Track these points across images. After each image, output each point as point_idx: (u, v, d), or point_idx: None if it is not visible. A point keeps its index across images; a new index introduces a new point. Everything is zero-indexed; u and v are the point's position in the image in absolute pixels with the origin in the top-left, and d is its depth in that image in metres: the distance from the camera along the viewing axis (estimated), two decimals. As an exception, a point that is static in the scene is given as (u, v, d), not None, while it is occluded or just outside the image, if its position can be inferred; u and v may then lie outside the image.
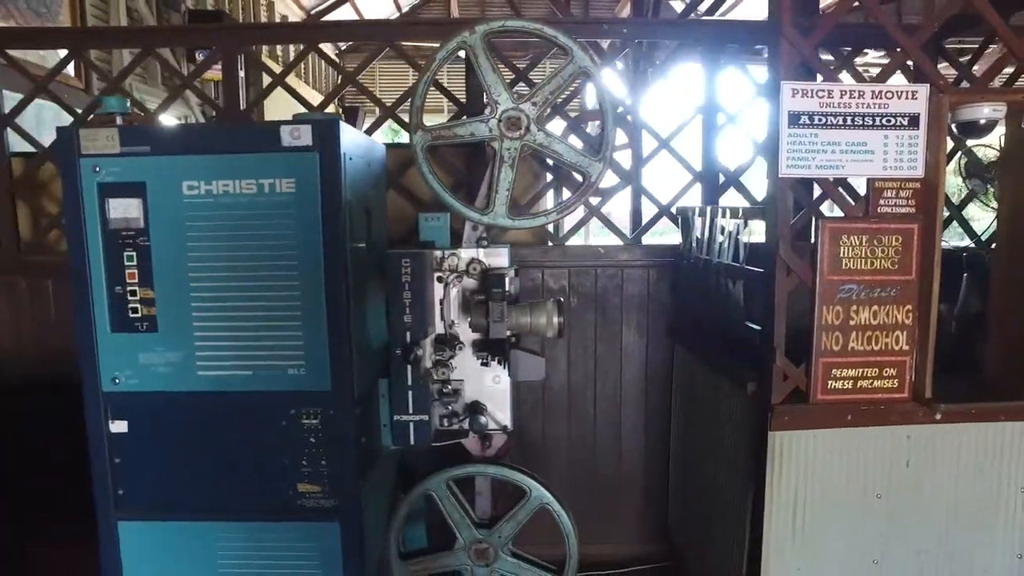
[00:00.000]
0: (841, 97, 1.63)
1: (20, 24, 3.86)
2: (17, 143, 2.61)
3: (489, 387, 1.90)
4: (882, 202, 1.66)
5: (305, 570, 1.71)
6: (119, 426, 1.67)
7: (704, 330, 2.29)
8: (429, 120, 1.75)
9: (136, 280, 1.60)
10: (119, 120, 1.65)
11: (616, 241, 2.67)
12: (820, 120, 1.65)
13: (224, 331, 1.60)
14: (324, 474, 1.65)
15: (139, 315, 1.61)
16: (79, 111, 2.54)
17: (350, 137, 1.61)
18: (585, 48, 1.79)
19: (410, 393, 1.80)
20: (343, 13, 9.13)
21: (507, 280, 1.76)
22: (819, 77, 1.75)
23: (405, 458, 2.11)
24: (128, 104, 1.68)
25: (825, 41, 1.92)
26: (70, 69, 2.65)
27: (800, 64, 1.68)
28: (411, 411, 1.81)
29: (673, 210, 2.58)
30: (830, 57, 2.70)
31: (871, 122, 1.63)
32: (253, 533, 1.70)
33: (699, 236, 2.30)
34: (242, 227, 1.56)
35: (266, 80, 2.39)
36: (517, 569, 1.95)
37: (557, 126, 2.36)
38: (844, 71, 2.62)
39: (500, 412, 1.90)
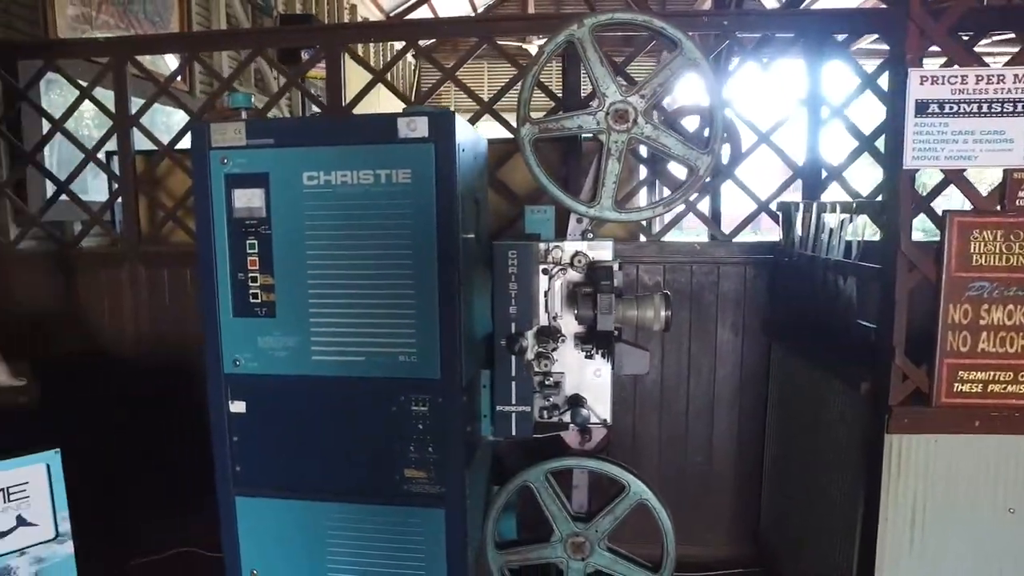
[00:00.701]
0: (977, 83, 1.54)
1: (140, 33, 4.13)
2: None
3: (590, 380, 1.89)
4: (1021, 194, 1.56)
5: (409, 554, 1.74)
6: (238, 406, 1.75)
7: (807, 328, 2.21)
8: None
9: (257, 267, 1.67)
10: (244, 114, 1.73)
11: (700, 238, 2.62)
12: (951, 108, 1.56)
13: (338, 318, 1.65)
14: (430, 461, 1.68)
15: (259, 301, 1.68)
16: (192, 111, 2.68)
17: (462, 129, 1.64)
18: (695, 40, 1.76)
19: (513, 384, 1.81)
20: (420, 14, 9.33)
21: (614, 273, 1.75)
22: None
23: (496, 449, 2.12)
24: (252, 99, 1.75)
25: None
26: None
27: (923, 51, 1.60)
28: (514, 402, 1.82)
29: (773, 206, 2.50)
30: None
31: (1011, 109, 1.53)
32: (360, 515, 1.74)
33: (802, 232, 2.23)
34: (358, 217, 1.61)
35: (354, 78, 2.46)
36: (613, 564, 1.94)
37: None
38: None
39: (600, 406, 1.89)
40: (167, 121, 4.28)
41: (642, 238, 2.63)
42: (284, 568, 1.81)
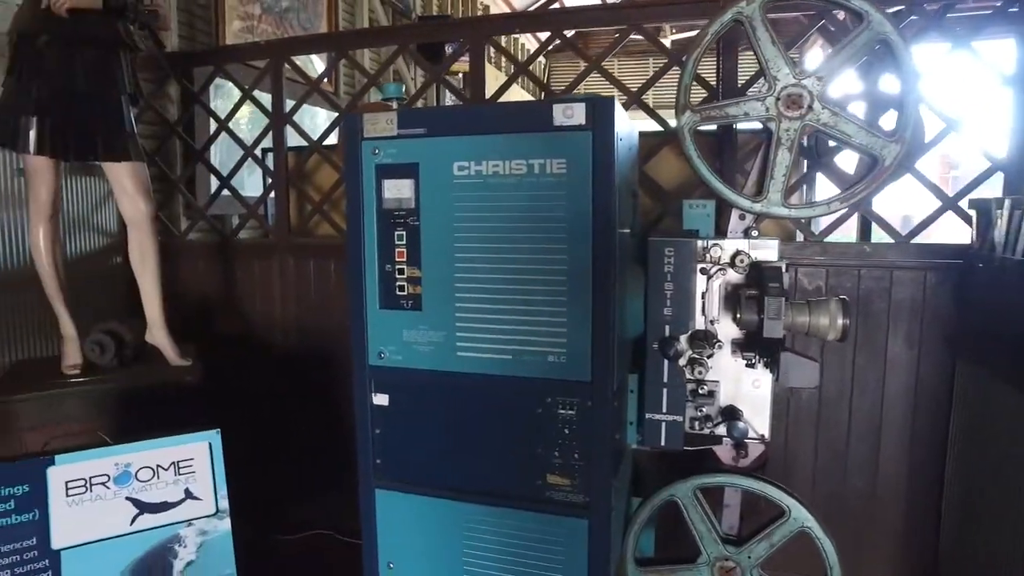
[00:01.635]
0: None
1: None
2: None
3: (747, 391, 1.73)
4: None
5: (548, 563, 1.66)
6: (381, 399, 1.74)
7: (1011, 347, 1.90)
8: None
9: (404, 259, 1.65)
10: (395, 104, 1.72)
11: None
12: None
13: (485, 314, 1.59)
14: (575, 468, 1.59)
15: (405, 293, 1.66)
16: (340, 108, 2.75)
17: (620, 117, 1.53)
18: (885, 12, 1.55)
19: (665, 391, 1.69)
20: (553, 12, 9.25)
21: (784, 274, 1.57)
22: None
23: (634, 458, 2.00)
24: (403, 89, 1.74)
25: None
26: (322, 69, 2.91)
27: None
28: (664, 410, 1.70)
29: (965, 204, 2.19)
30: None
31: None
32: (499, 518, 1.68)
33: (1007, 234, 1.92)
34: (509, 208, 1.54)
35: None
36: (768, 595, 1.77)
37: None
38: None
39: (758, 420, 1.72)
40: (310, 122, 4.48)
41: (798, 237, 2.39)
42: (420, 564, 1.78)
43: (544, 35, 2.65)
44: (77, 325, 2.19)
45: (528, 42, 10.00)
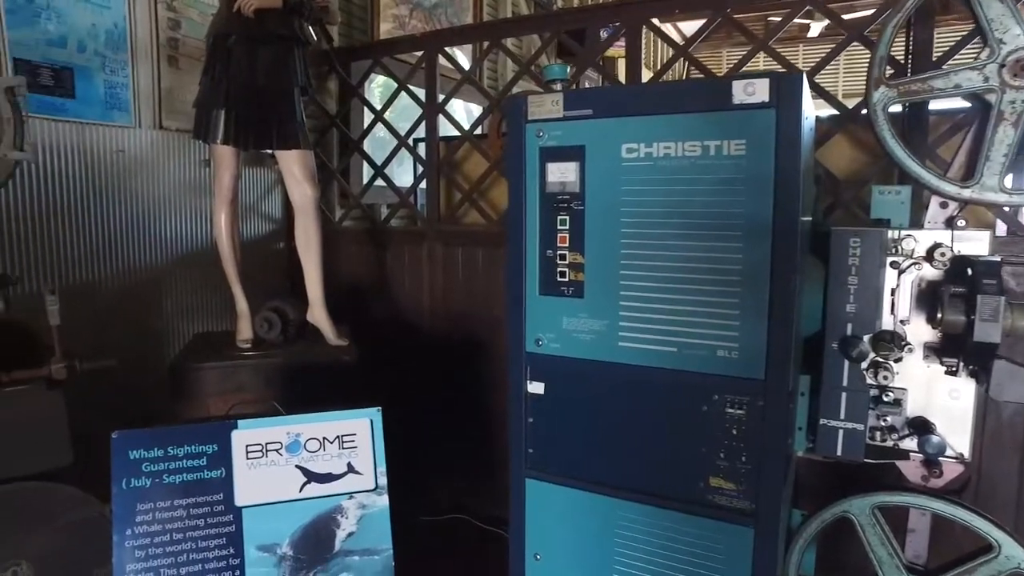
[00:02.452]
0: None
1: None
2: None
3: (941, 402, 1.54)
4: None
5: (706, 569, 1.56)
6: (536, 387, 1.72)
7: None
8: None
9: (567, 244, 1.61)
10: (558, 86, 1.68)
11: None
12: None
13: (651, 303, 1.52)
14: (741, 472, 1.48)
15: (566, 279, 1.62)
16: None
17: (807, 95, 1.40)
18: None
19: (844, 395, 1.54)
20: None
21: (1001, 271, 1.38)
22: None
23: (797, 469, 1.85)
24: (568, 70, 1.70)
25: None
26: (465, 63, 2.95)
27: None
28: (842, 416, 1.54)
29: None
30: None
31: None
32: (654, 518, 1.60)
33: None
34: (681, 192, 1.46)
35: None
36: (962, 638, 1.56)
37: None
38: None
39: (955, 436, 1.53)
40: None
41: (999, 229, 2.11)
42: (567, 558, 1.74)
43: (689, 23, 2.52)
44: (248, 303, 2.34)
45: (670, 31, 9.68)
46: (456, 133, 2.89)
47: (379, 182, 3.07)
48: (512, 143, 1.66)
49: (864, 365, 1.53)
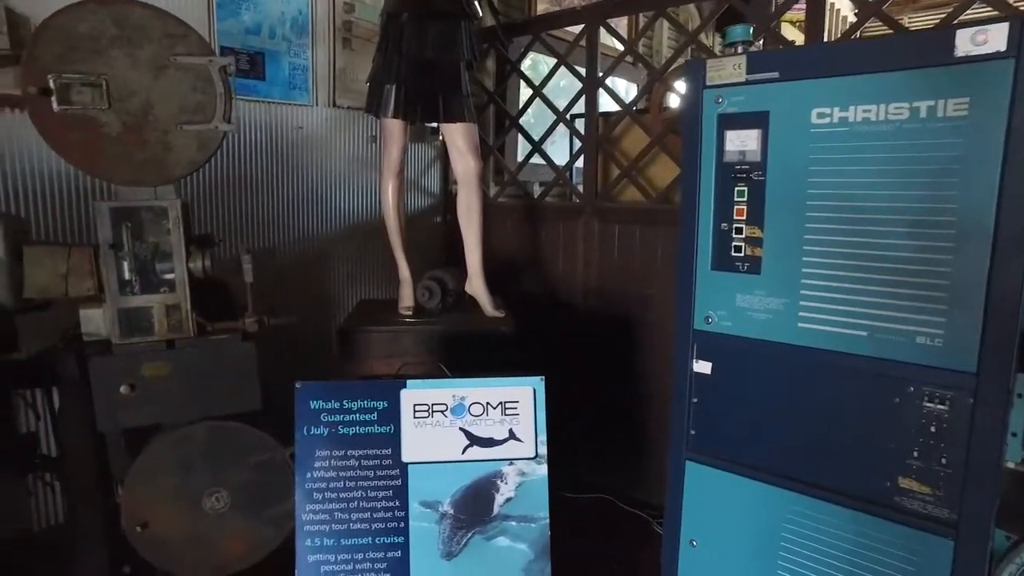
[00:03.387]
0: None
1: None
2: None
3: None
4: None
5: (888, 577, 1.42)
6: (702, 366, 1.64)
7: None
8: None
9: (744, 218, 1.51)
10: (739, 48, 1.58)
11: None
12: None
13: (839, 282, 1.39)
14: (940, 475, 1.32)
15: (742, 255, 1.53)
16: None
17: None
18: None
19: (1074, 399, 1.33)
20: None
21: None
22: None
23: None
24: (751, 31, 1.59)
25: None
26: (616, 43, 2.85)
27: None
28: (1072, 423, 1.34)
29: None
30: None
31: None
32: (829, 514, 1.48)
33: None
34: (882, 161, 1.31)
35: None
36: None
37: None
38: None
39: None
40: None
41: None
42: (726, 548, 1.66)
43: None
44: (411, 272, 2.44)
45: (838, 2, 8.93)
46: (613, 109, 2.83)
47: (531, 160, 3.07)
48: (688, 110, 1.58)
49: (1100, 365, 1.31)
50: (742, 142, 1.50)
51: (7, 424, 1.72)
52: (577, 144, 3.03)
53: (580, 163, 2.98)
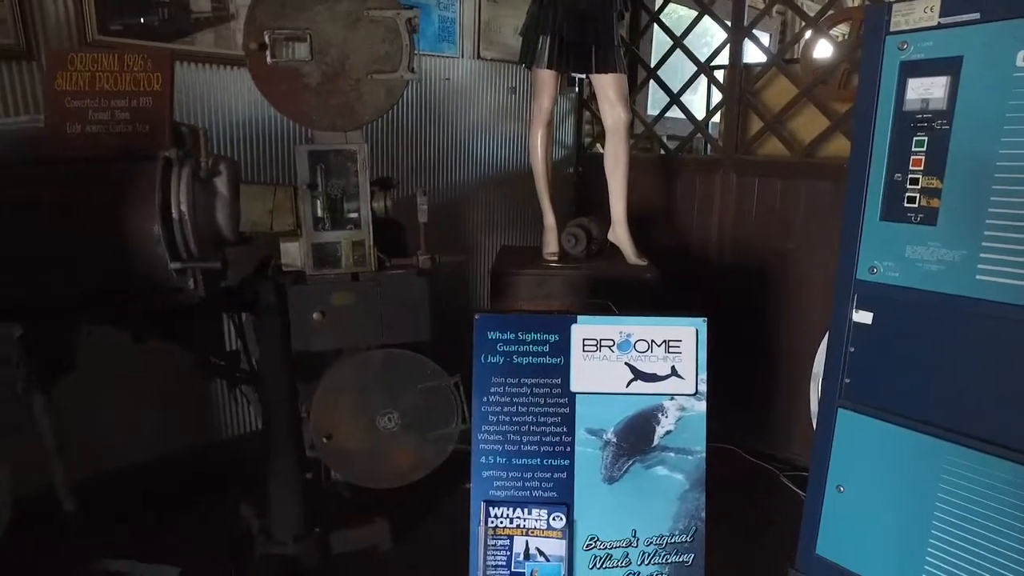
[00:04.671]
0: None
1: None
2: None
3: None
4: None
5: (1058, 535, 1.42)
6: (863, 316, 1.65)
7: None
8: None
9: (921, 168, 1.49)
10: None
11: None
12: None
13: (1029, 234, 1.36)
14: None
15: (915, 205, 1.51)
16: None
17: None
18: None
19: None
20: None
21: None
22: None
23: None
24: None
25: None
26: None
27: None
28: None
29: None
30: None
31: None
32: (991, 469, 1.48)
33: None
34: (1091, 108, 1.27)
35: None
36: None
37: None
38: None
39: None
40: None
41: None
42: (875, 494, 1.69)
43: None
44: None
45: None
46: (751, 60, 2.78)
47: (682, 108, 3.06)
48: (867, 57, 1.56)
49: None
50: (926, 90, 1.47)
51: (219, 344, 1.97)
52: (714, 97, 3.00)
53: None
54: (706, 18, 2.87)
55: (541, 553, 1.61)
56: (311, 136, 1.80)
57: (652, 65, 3.16)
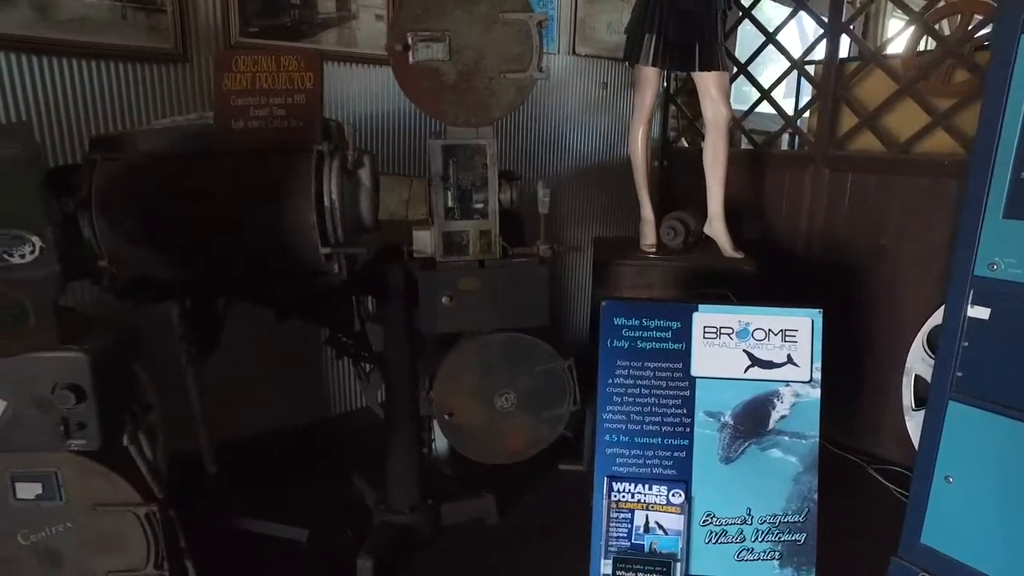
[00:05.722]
0: None
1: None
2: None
3: None
4: None
5: None
6: (979, 311, 1.69)
7: None
8: None
9: (1054, 165, 1.53)
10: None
11: None
12: None
13: None
14: None
15: (1045, 202, 1.55)
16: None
17: None
18: None
19: None
20: None
21: None
22: None
23: None
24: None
25: None
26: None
27: None
28: None
29: None
30: None
31: None
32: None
33: None
34: None
35: None
36: None
37: None
38: None
39: None
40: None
41: None
42: (986, 486, 1.73)
43: None
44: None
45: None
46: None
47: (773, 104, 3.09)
48: (999, 51, 1.59)
49: None
50: (1066, 85, 1.50)
51: (349, 324, 2.11)
52: (804, 93, 3.02)
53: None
54: (767, 10, 2.90)
55: (660, 527, 1.71)
56: (443, 131, 1.92)
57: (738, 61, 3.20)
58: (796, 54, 2.95)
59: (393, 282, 2.00)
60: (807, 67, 2.94)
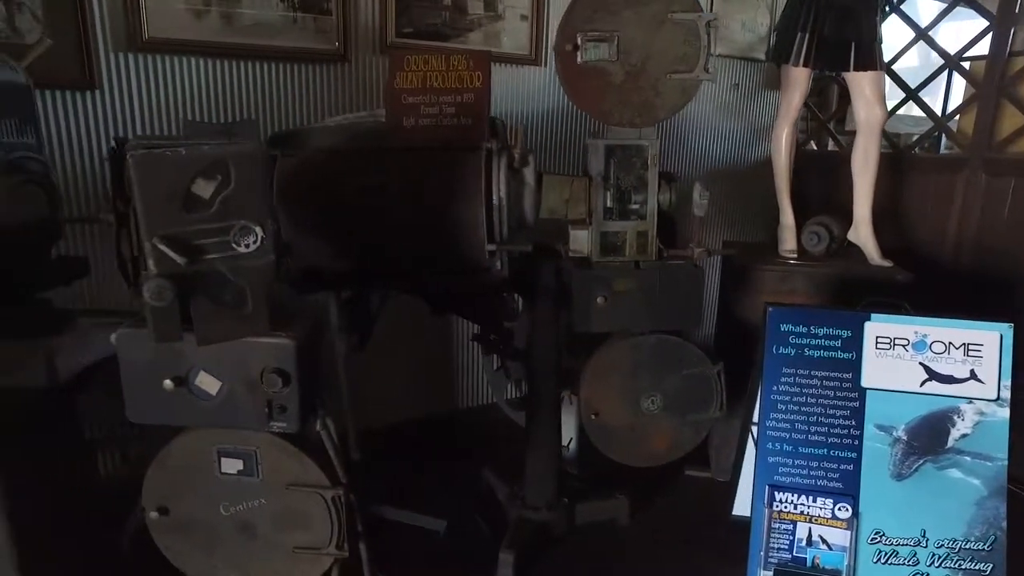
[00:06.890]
0: None
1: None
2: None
3: None
4: None
5: None
6: None
7: None
8: None
9: None
10: None
11: None
12: None
13: None
14: None
15: None
16: None
17: None
18: None
19: None
20: None
21: None
22: None
23: None
24: None
25: None
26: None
27: None
28: None
29: None
30: None
31: None
32: None
33: None
34: None
35: None
36: None
37: None
38: None
39: None
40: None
41: None
42: None
43: None
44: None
45: None
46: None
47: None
48: None
49: None
50: None
51: (499, 320, 2.15)
52: (956, 92, 2.86)
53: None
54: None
55: (824, 541, 1.66)
56: (602, 131, 1.93)
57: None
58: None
59: (545, 280, 2.02)
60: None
